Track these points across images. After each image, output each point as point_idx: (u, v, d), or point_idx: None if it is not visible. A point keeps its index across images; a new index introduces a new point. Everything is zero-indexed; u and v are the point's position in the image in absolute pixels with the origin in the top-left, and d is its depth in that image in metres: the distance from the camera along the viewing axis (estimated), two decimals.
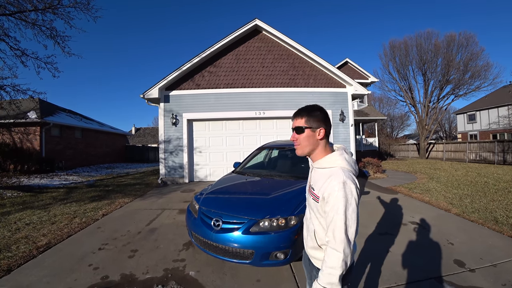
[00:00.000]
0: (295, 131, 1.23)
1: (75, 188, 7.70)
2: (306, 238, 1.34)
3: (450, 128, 40.82)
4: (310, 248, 1.29)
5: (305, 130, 1.20)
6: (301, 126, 1.21)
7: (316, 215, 1.20)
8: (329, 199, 1.08)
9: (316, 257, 1.25)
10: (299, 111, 1.25)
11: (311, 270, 1.31)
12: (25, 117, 11.45)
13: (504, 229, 3.66)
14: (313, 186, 1.23)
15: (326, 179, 1.12)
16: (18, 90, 7.35)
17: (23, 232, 3.85)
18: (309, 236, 1.29)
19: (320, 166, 1.21)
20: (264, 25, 8.80)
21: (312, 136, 1.20)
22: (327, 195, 1.09)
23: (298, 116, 1.23)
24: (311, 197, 1.23)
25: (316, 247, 1.23)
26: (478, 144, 15.61)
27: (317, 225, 1.21)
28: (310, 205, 1.27)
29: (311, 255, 1.29)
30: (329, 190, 1.08)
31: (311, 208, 1.26)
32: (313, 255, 1.27)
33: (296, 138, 1.23)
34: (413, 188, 6.82)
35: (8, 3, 6.64)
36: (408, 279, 2.44)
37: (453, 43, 18.21)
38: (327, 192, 1.09)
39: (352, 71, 19.69)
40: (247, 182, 3.60)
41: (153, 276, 2.58)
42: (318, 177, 1.20)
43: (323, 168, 1.20)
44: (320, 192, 1.14)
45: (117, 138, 20.13)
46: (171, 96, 8.70)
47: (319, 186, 1.15)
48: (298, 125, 1.22)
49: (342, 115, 8.93)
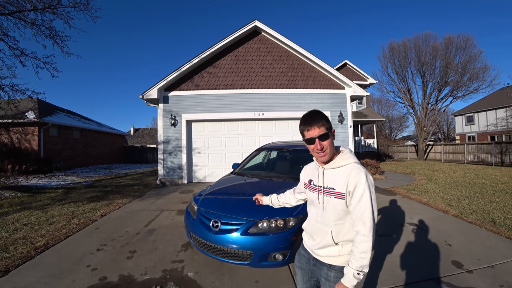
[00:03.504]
0: (319, 140, 1.22)
1: (74, 189, 7.67)
2: (316, 240, 1.34)
3: (449, 129, 40.98)
4: (321, 249, 1.31)
5: (329, 136, 1.24)
6: (325, 133, 1.22)
7: (339, 213, 1.24)
8: (356, 191, 1.17)
9: (329, 255, 1.29)
10: (316, 118, 1.24)
11: (319, 269, 1.34)
12: (24, 117, 11.40)
13: (502, 230, 3.68)
14: (331, 186, 1.26)
15: (348, 174, 1.21)
16: (16, 90, 7.33)
17: (21, 232, 3.83)
18: (321, 238, 1.30)
19: (337, 165, 1.27)
20: (264, 26, 8.82)
21: (332, 139, 1.27)
22: (353, 187, 1.18)
23: (316, 124, 1.22)
24: (332, 196, 1.25)
25: (331, 244, 1.27)
26: (476, 145, 15.68)
27: (338, 224, 1.26)
28: (329, 206, 1.27)
29: (321, 255, 1.31)
30: (354, 183, 1.18)
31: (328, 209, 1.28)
32: (325, 254, 1.30)
33: (323, 146, 1.23)
34: (411, 189, 6.84)
35: (7, 3, 6.63)
36: (407, 280, 2.45)
37: (451, 45, 18.31)
38: (353, 185, 1.18)
39: (351, 72, 19.76)
40: (246, 183, 3.60)
41: (152, 277, 2.58)
42: (336, 176, 1.26)
43: (339, 167, 1.27)
44: (343, 188, 1.21)
45: (115, 138, 20.08)
46: (170, 96, 8.70)
47: (342, 183, 1.21)
48: (322, 132, 1.22)
49: (341, 117, 8.95)
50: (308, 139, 1.25)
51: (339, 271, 1.24)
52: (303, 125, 1.27)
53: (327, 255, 1.29)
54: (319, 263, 1.33)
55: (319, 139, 1.22)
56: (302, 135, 1.30)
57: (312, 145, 1.24)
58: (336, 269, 1.27)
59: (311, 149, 1.28)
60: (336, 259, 1.27)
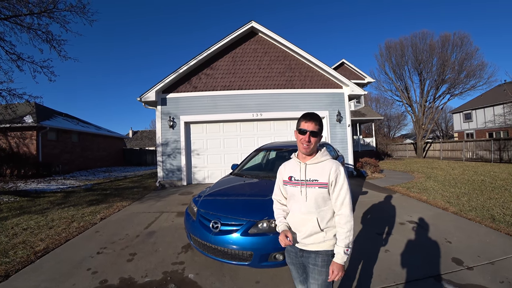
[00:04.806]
0: (310, 134, 1.43)
1: (73, 192, 7.65)
2: (301, 231, 1.46)
3: (447, 127, 41.09)
4: (307, 237, 1.44)
5: (318, 135, 1.45)
6: (317, 131, 1.44)
7: (320, 201, 1.43)
8: (338, 181, 1.41)
9: (315, 242, 1.43)
10: (315, 117, 1.46)
11: (306, 259, 1.48)
12: (21, 122, 11.37)
13: (501, 226, 3.69)
14: (315, 178, 1.44)
15: (330, 167, 1.43)
16: (14, 95, 7.28)
17: (20, 237, 3.82)
18: (307, 226, 1.44)
19: (318, 160, 1.49)
20: (260, 27, 8.84)
21: (318, 140, 1.48)
22: (334, 178, 1.41)
23: (314, 121, 1.44)
24: (316, 187, 1.43)
25: (317, 231, 1.42)
26: (474, 142, 15.72)
27: (323, 211, 1.44)
28: (312, 196, 1.43)
29: (308, 243, 1.45)
30: (335, 174, 1.41)
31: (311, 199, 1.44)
32: (311, 241, 1.44)
33: (311, 140, 1.44)
34: (410, 187, 6.86)
35: (3, 7, 6.61)
36: (407, 278, 2.46)
37: (448, 43, 18.37)
38: (334, 176, 1.41)
39: (349, 71, 19.79)
40: (245, 184, 3.60)
41: (152, 280, 2.58)
42: (318, 169, 1.46)
43: (319, 162, 1.48)
44: (326, 178, 1.42)
45: (114, 141, 20.05)
46: (168, 98, 8.69)
47: (325, 174, 1.42)
48: (315, 130, 1.43)
49: (339, 116, 8.97)
50: (302, 130, 1.45)
51: (325, 254, 1.42)
52: (303, 118, 1.48)
53: (313, 242, 1.43)
54: (306, 253, 1.47)
55: (311, 133, 1.43)
56: (297, 125, 1.50)
57: (302, 135, 1.44)
58: (322, 253, 1.43)
59: (299, 139, 1.47)
60: (321, 244, 1.42)
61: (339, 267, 1.35)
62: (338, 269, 1.34)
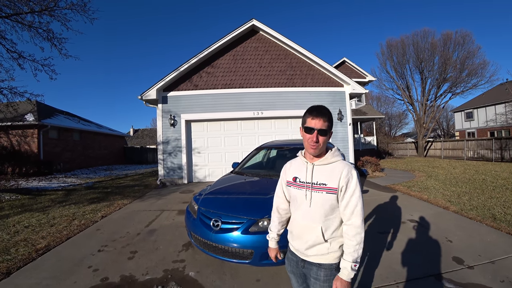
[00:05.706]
0: (319, 133, 1.22)
1: (74, 190, 7.68)
2: (303, 239, 1.31)
3: (448, 126, 40.95)
4: (310, 248, 1.28)
5: (327, 134, 1.26)
6: (325, 129, 1.24)
7: (327, 208, 1.25)
8: (349, 186, 1.22)
9: (317, 254, 1.27)
10: (323, 112, 1.25)
11: (308, 270, 1.33)
12: (23, 120, 11.39)
13: (502, 226, 3.68)
14: (323, 182, 1.25)
15: (340, 170, 1.24)
16: (15, 93, 7.29)
17: (22, 235, 3.83)
18: (310, 236, 1.28)
19: (327, 161, 1.29)
20: (261, 25, 8.81)
21: (327, 139, 1.28)
22: (345, 183, 1.22)
23: (322, 117, 1.23)
24: (323, 192, 1.24)
25: (320, 242, 1.26)
26: (475, 141, 15.68)
27: (327, 219, 1.26)
28: (317, 202, 1.26)
29: (310, 254, 1.29)
30: (347, 179, 1.22)
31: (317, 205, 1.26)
32: (314, 253, 1.28)
33: (319, 140, 1.23)
34: (411, 186, 6.85)
35: (4, 6, 6.62)
36: (407, 277, 2.46)
37: (449, 42, 18.30)
38: (345, 180, 1.22)
39: (350, 70, 19.72)
40: (246, 182, 3.60)
41: (153, 277, 2.58)
42: (327, 172, 1.27)
43: (329, 163, 1.29)
44: (336, 183, 1.23)
45: (115, 139, 20.07)
46: (169, 97, 8.69)
47: (334, 179, 1.23)
48: (323, 127, 1.23)
49: (340, 114, 8.95)
50: (309, 128, 1.24)
51: (329, 269, 1.26)
52: (309, 113, 1.26)
53: (316, 254, 1.28)
54: (308, 264, 1.32)
55: (319, 132, 1.23)
56: (303, 122, 1.29)
57: (309, 134, 1.24)
58: (325, 267, 1.27)
59: (305, 138, 1.27)
60: (325, 257, 1.27)
61: (345, 284, 1.17)
62: (343, 286, 1.17)
